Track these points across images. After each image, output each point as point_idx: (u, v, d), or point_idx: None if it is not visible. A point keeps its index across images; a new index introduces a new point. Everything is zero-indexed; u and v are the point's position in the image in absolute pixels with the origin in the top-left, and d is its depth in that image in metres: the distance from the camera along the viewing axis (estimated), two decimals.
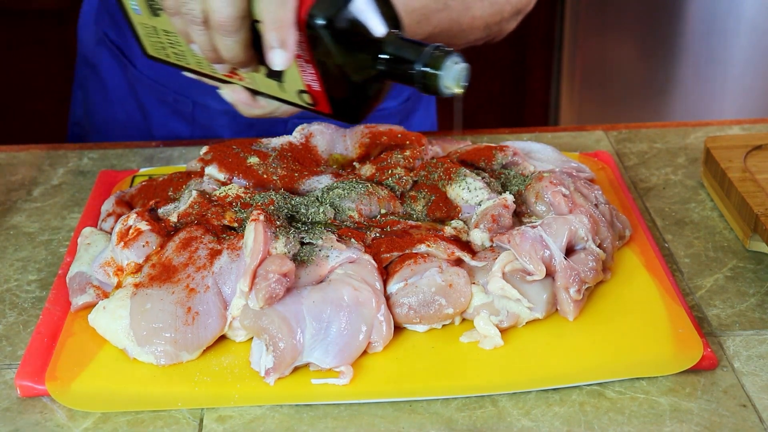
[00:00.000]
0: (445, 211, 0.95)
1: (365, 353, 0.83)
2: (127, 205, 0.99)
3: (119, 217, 0.94)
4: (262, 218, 0.84)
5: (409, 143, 1.03)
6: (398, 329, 0.85)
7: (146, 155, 1.19)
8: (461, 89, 0.79)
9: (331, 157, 1.03)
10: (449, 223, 0.93)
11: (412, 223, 0.92)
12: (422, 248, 0.87)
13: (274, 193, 0.92)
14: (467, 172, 0.97)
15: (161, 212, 0.93)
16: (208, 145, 1.04)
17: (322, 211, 0.91)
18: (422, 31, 1.05)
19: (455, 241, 0.90)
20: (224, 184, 0.97)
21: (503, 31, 1.17)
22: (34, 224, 1.04)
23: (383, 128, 1.05)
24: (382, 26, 0.80)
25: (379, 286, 0.84)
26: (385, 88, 0.85)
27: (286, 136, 1.04)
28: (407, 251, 0.87)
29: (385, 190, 0.95)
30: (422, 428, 0.77)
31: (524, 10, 1.17)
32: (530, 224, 0.90)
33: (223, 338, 0.85)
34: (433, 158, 1.02)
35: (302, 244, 0.86)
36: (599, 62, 2.55)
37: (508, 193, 0.94)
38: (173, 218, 0.90)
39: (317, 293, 0.82)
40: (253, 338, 0.83)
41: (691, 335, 0.84)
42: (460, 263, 0.88)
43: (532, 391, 0.80)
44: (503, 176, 0.99)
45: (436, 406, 0.79)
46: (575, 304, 0.86)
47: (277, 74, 0.85)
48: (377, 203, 0.93)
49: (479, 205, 0.93)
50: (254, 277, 0.81)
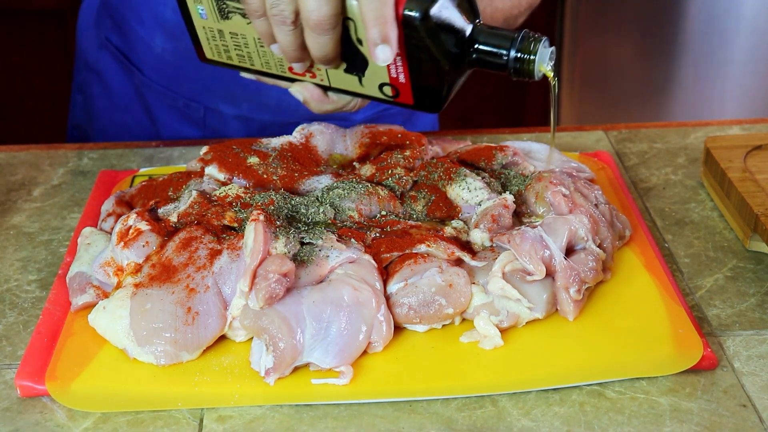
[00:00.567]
0: (445, 211, 0.95)
1: (365, 353, 0.83)
2: (127, 205, 0.99)
3: (119, 217, 0.94)
4: (262, 218, 0.84)
5: (409, 143, 1.03)
6: (398, 329, 0.85)
7: (146, 155, 1.19)
8: (551, 71, 0.85)
9: (331, 157, 1.03)
10: (449, 223, 0.93)
11: (412, 223, 0.92)
12: (422, 248, 0.87)
13: (274, 193, 0.92)
14: (467, 172, 0.97)
15: (161, 212, 0.93)
16: (208, 145, 1.04)
17: (322, 211, 0.91)
18: None
19: (455, 241, 0.90)
20: (224, 184, 0.97)
21: (516, 25, 1.17)
22: (34, 224, 1.04)
23: (383, 128, 1.05)
24: (470, 17, 0.85)
25: (379, 286, 0.84)
26: (465, 76, 0.90)
27: (286, 136, 1.04)
28: (407, 251, 0.87)
29: (385, 190, 0.95)
30: (422, 428, 0.77)
31: (534, 4, 1.18)
32: (530, 224, 0.90)
33: (223, 338, 0.85)
34: (433, 158, 1.02)
35: (302, 244, 0.86)
36: (599, 62, 2.54)
37: (508, 193, 0.94)
38: (173, 218, 0.90)
39: (317, 293, 0.82)
40: (253, 338, 0.83)
41: (691, 335, 0.84)
42: (460, 263, 0.88)
43: (532, 391, 0.80)
44: (503, 176, 0.99)
45: (436, 406, 0.79)
46: (575, 304, 0.86)
47: (359, 69, 0.88)
48: (377, 203, 0.93)
49: (479, 205, 0.93)
50: (254, 277, 0.81)
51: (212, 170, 0.98)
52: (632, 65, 2.54)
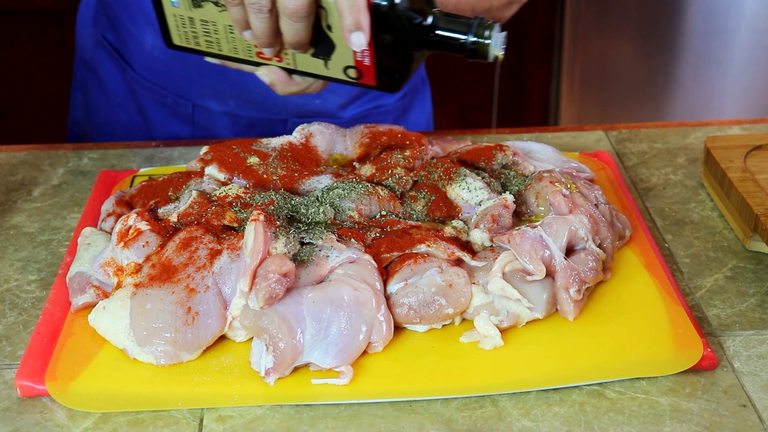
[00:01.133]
0: (445, 211, 0.95)
1: (365, 353, 0.83)
2: (127, 205, 0.99)
3: (119, 217, 0.94)
4: (262, 218, 0.84)
5: (409, 143, 1.03)
6: (398, 329, 0.85)
7: (146, 155, 1.19)
8: (502, 53, 0.93)
9: (331, 157, 1.03)
10: (449, 223, 0.93)
11: (412, 223, 0.92)
12: (422, 248, 0.87)
13: (274, 193, 0.92)
14: (467, 172, 0.97)
15: (161, 212, 0.93)
16: (208, 145, 1.04)
17: (322, 211, 0.91)
18: None
19: (455, 241, 0.90)
20: (224, 184, 0.97)
21: (497, 19, 1.17)
22: (34, 224, 1.04)
23: (383, 128, 1.05)
24: (430, 5, 0.92)
25: (379, 286, 0.84)
26: (424, 57, 0.98)
27: (286, 136, 1.04)
28: (407, 251, 0.87)
29: (385, 190, 0.95)
30: (422, 428, 0.77)
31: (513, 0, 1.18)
32: (530, 224, 0.90)
33: (223, 338, 0.85)
34: (433, 158, 1.02)
35: (302, 244, 0.86)
36: (599, 62, 2.54)
37: (508, 193, 0.94)
38: (173, 218, 0.90)
39: (317, 293, 0.82)
40: (253, 338, 0.83)
41: (691, 335, 0.84)
42: (460, 263, 0.88)
43: (532, 391, 0.80)
44: (503, 176, 0.99)
45: (436, 406, 0.79)
46: (575, 304, 0.86)
47: (325, 54, 0.94)
48: (377, 203, 0.93)
49: (479, 205, 0.93)
50: (254, 277, 0.81)
51: (212, 170, 0.98)
52: (632, 65, 2.54)
